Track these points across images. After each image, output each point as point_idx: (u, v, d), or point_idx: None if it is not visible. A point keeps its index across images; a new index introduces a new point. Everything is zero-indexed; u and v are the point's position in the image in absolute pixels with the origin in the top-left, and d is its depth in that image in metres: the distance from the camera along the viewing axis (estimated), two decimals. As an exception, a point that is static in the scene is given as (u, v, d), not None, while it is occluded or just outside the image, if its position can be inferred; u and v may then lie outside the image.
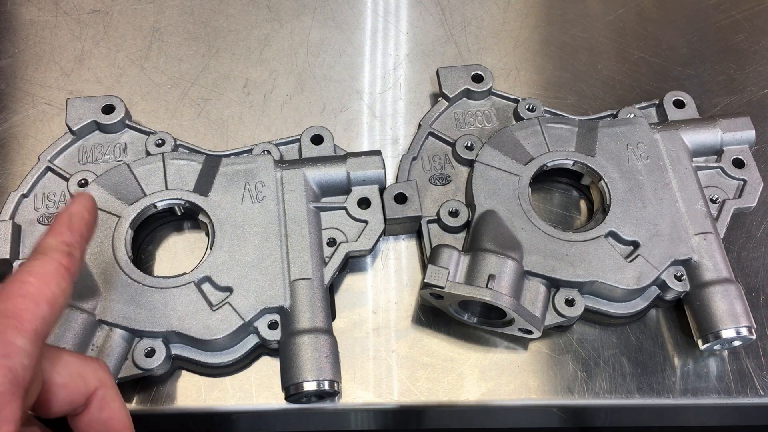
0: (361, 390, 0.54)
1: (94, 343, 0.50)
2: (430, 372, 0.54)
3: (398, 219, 0.57)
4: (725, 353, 0.56)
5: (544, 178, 0.62)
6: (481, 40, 0.73)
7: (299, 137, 0.61)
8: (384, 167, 0.58)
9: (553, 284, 0.54)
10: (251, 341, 0.53)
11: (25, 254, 0.55)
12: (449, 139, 0.62)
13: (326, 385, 0.49)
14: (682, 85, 0.70)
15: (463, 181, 0.60)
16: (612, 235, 0.55)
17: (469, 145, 0.61)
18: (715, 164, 0.61)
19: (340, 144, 0.62)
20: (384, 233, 0.57)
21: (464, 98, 0.65)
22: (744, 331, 0.52)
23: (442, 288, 0.51)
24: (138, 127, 0.62)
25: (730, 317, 0.52)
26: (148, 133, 0.61)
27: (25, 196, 0.58)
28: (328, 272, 0.55)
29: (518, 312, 0.51)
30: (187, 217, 0.59)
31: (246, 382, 0.53)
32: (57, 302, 0.39)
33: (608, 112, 0.64)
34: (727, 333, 0.52)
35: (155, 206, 0.56)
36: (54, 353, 0.40)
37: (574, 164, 0.59)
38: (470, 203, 0.58)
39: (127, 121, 0.62)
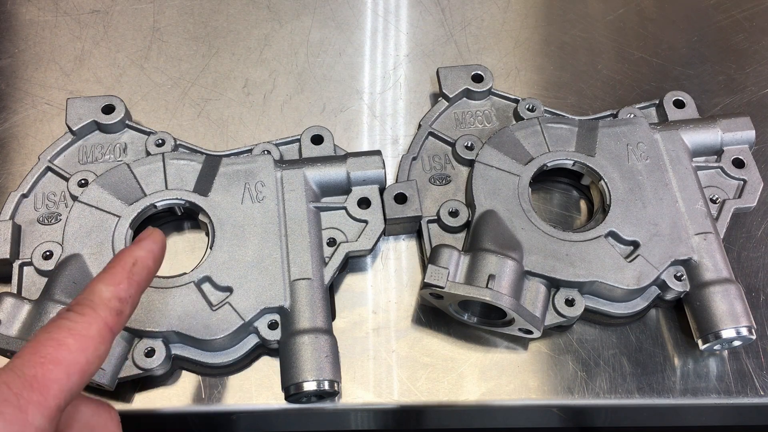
0: (361, 390, 0.54)
1: (94, 343, 0.50)
2: (430, 372, 0.54)
3: (398, 219, 0.57)
4: (725, 353, 0.56)
5: (544, 178, 0.62)
6: (481, 40, 0.73)
7: (299, 137, 0.61)
8: (384, 167, 0.58)
9: (553, 284, 0.54)
10: (251, 341, 0.53)
11: (25, 254, 0.55)
12: (449, 139, 0.62)
13: (326, 385, 0.49)
14: (682, 85, 0.70)
15: (463, 181, 0.60)
16: (612, 235, 0.55)
17: (469, 145, 0.61)
18: (715, 164, 0.61)
19: (340, 144, 0.62)
20: (384, 233, 0.57)
21: (464, 98, 0.65)
22: (744, 331, 0.52)
23: (442, 288, 0.51)
24: (138, 127, 0.62)
25: (730, 317, 0.52)
26: (148, 133, 0.61)
27: (25, 196, 0.58)
28: (328, 272, 0.55)
29: (518, 312, 0.51)
30: (187, 217, 0.59)
31: (246, 382, 0.53)
32: (89, 371, 0.35)
33: (608, 112, 0.64)
34: (727, 333, 0.52)
35: (155, 206, 0.56)
36: (69, 413, 0.37)
37: (574, 164, 0.59)
38: (470, 203, 0.58)
39: (127, 121, 0.62)
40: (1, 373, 0.33)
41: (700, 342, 0.53)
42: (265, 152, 0.59)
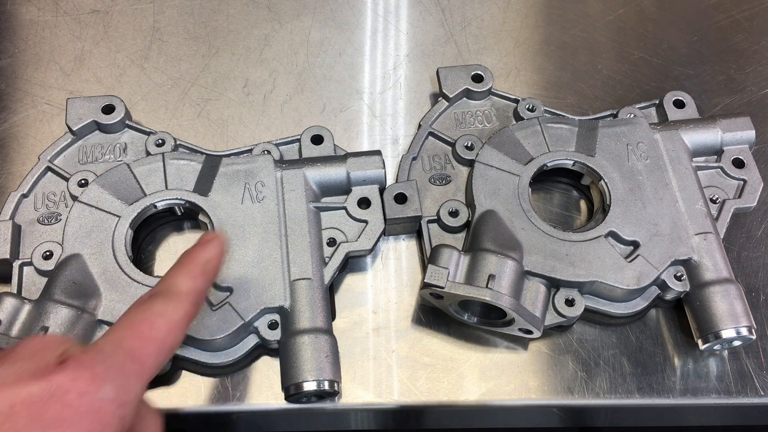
0: (361, 390, 0.54)
1: (94, 343, 0.50)
2: (430, 372, 0.54)
3: (398, 219, 0.57)
4: (725, 353, 0.56)
5: (544, 178, 0.62)
6: (481, 40, 0.73)
7: (299, 137, 0.61)
8: (384, 167, 0.58)
9: (553, 284, 0.54)
10: (251, 341, 0.53)
11: (25, 254, 0.55)
12: (449, 139, 0.62)
13: (326, 385, 0.49)
14: (682, 85, 0.70)
15: (463, 181, 0.60)
16: (612, 235, 0.55)
17: (469, 145, 0.61)
18: (715, 164, 0.61)
19: (340, 144, 0.62)
20: (384, 233, 0.57)
21: (464, 98, 0.65)
22: (744, 331, 0.52)
23: (442, 288, 0.51)
24: (138, 127, 0.62)
25: (730, 317, 0.52)
26: (148, 133, 0.61)
27: (25, 196, 0.58)
28: (328, 272, 0.55)
29: (518, 312, 0.51)
30: (187, 217, 0.59)
31: (246, 382, 0.53)
32: (171, 353, 0.40)
33: (608, 112, 0.64)
34: (727, 333, 0.52)
35: (155, 206, 0.56)
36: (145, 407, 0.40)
37: (574, 164, 0.59)
38: (470, 203, 0.58)
39: (127, 121, 0.62)
40: (103, 344, 0.37)
41: (700, 342, 0.53)
42: (265, 152, 0.59)
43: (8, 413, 0.33)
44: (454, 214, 0.57)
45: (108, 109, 0.61)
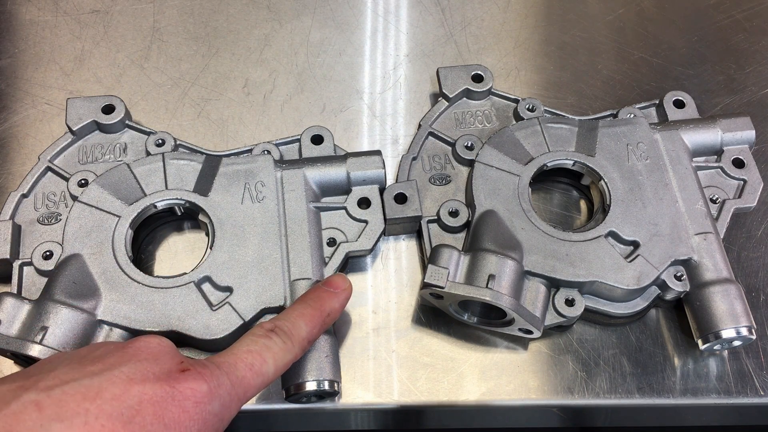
0: (361, 390, 0.54)
1: (94, 343, 0.50)
2: (430, 372, 0.54)
3: (398, 219, 0.57)
4: (725, 353, 0.56)
5: (544, 178, 0.62)
6: (481, 40, 0.73)
7: (299, 137, 0.61)
8: (384, 167, 0.58)
9: (553, 284, 0.54)
10: (251, 341, 0.53)
11: (25, 254, 0.55)
12: (449, 139, 0.62)
13: (326, 385, 0.49)
14: (682, 85, 0.70)
15: (463, 181, 0.60)
16: (612, 235, 0.55)
17: (469, 145, 0.61)
18: (715, 164, 0.61)
19: (340, 144, 0.62)
20: (384, 233, 0.57)
21: (464, 98, 0.65)
22: (744, 331, 0.52)
23: (442, 288, 0.51)
24: (138, 127, 0.62)
25: (730, 317, 0.52)
26: (148, 133, 0.61)
27: (25, 196, 0.58)
28: (328, 272, 0.55)
29: (518, 312, 0.51)
30: (187, 217, 0.59)
31: (246, 382, 0.53)
32: (264, 387, 0.43)
33: (608, 112, 0.64)
34: (727, 333, 0.52)
35: (155, 206, 0.56)
36: None
37: (574, 164, 0.59)
38: (470, 203, 0.58)
39: (127, 121, 0.62)
40: (220, 363, 0.41)
41: (700, 342, 0.53)
42: (265, 152, 0.59)
43: (137, 409, 0.36)
44: (454, 214, 0.57)
45: (108, 109, 0.61)
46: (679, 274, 0.55)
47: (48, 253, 0.54)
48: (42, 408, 0.34)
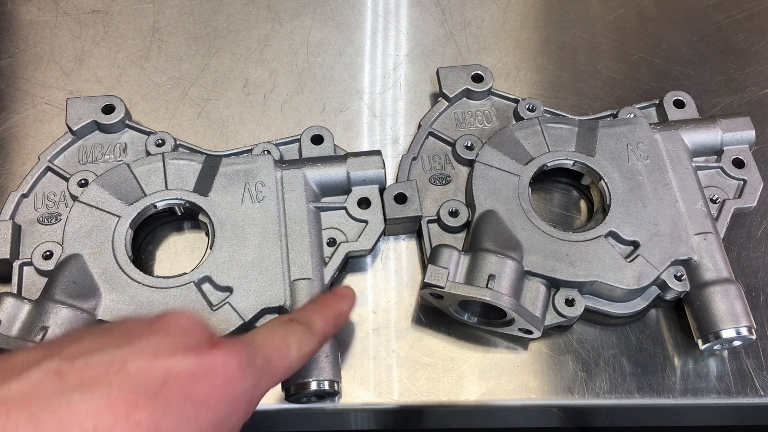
0: (361, 390, 0.54)
1: (94, 343, 0.50)
2: (430, 372, 0.54)
3: (398, 219, 0.57)
4: (725, 353, 0.56)
5: (544, 178, 0.62)
6: (481, 40, 0.73)
7: (299, 137, 0.61)
8: (384, 167, 0.58)
9: (553, 284, 0.54)
10: (251, 341, 0.53)
11: (25, 254, 0.55)
12: (449, 139, 0.62)
13: (326, 385, 0.49)
14: (682, 85, 0.70)
15: (463, 181, 0.60)
16: (612, 235, 0.55)
17: (469, 145, 0.61)
18: (715, 164, 0.61)
19: (340, 144, 0.62)
20: (384, 233, 0.57)
21: (464, 98, 0.65)
22: (744, 331, 0.52)
23: (442, 288, 0.51)
24: (138, 127, 0.62)
25: (730, 317, 0.52)
26: (148, 133, 0.61)
27: (25, 196, 0.58)
28: (328, 272, 0.55)
29: (518, 312, 0.51)
30: (187, 217, 0.59)
31: (246, 382, 0.53)
32: (288, 376, 0.42)
33: (608, 112, 0.64)
34: (727, 333, 0.52)
35: (155, 206, 0.56)
36: None
37: (574, 164, 0.59)
38: (470, 203, 0.58)
39: (127, 121, 0.62)
40: (250, 341, 0.39)
41: (700, 342, 0.53)
42: (265, 152, 0.59)
43: (163, 382, 0.33)
44: (454, 214, 0.57)
45: (108, 109, 0.61)
46: (679, 274, 0.55)
47: (48, 253, 0.54)
48: (63, 377, 0.32)
